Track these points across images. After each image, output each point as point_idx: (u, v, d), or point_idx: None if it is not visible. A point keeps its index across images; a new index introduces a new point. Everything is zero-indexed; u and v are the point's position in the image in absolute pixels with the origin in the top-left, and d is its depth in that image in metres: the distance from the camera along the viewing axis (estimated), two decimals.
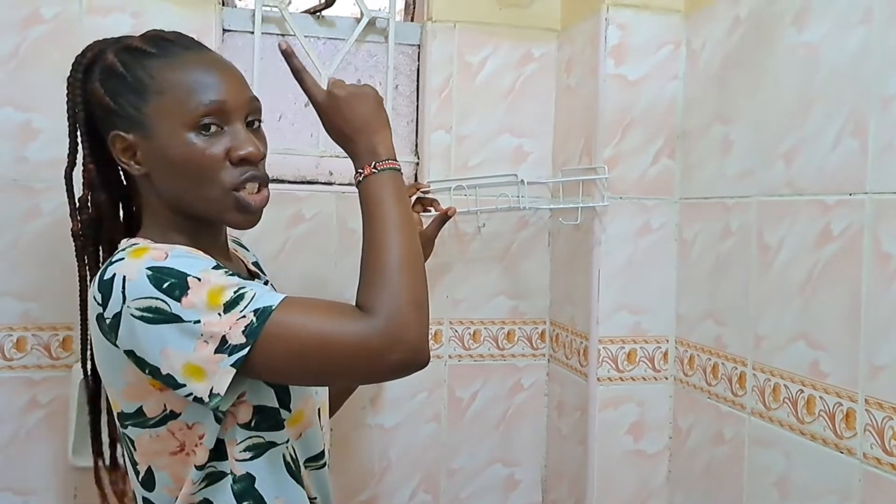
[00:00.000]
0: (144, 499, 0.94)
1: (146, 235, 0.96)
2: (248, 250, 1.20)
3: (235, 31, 1.57)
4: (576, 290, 1.55)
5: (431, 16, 1.60)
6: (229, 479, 0.92)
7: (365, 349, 0.83)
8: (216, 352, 0.81)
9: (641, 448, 1.48)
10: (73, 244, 1.02)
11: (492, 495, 1.68)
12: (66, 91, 0.98)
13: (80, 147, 0.98)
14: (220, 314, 0.81)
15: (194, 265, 0.84)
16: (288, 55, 0.98)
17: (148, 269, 0.83)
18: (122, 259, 0.85)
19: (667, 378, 1.49)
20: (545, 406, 1.70)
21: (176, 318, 0.81)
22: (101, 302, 0.84)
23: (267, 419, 0.93)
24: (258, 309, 0.82)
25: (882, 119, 1.01)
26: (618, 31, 1.43)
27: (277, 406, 0.94)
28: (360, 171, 0.95)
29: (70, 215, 1.02)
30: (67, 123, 0.99)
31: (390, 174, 0.94)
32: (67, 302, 1.43)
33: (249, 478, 0.92)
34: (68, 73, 0.98)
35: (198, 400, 0.82)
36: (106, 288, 0.84)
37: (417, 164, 1.66)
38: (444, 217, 1.36)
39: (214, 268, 0.86)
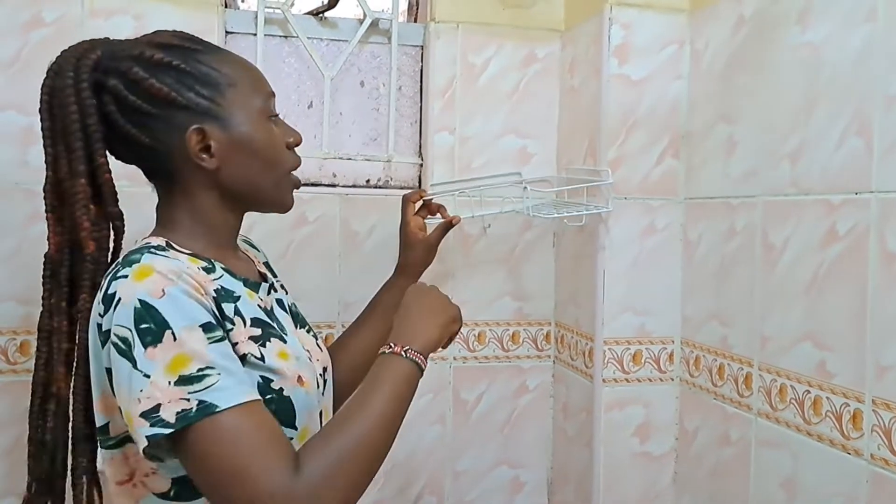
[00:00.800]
0: None
1: (166, 233, 0.94)
2: (258, 250, 1.20)
3: (238, 33, 1.56)
4: (581, 291, 1.54)
5: (434, 16, 1.60)
6: None
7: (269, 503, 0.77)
8: (141, 415, 0.77)
9: (647, 449, 1.48)
10: (86, 270, 0.92)
11: (497, 497, 1.67)
12: (60, 96, 0.91)
13: (96, 155, 0.91)
14: (170, 382, 0.77)
15: (184, 316, 0.80)
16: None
17: (139, 300, 0.80)
18: (126, 277, 0.82)
19: (672, 379, 1.48)
20: (550, 408, 1.69)
21: (134, 362, 0.78)
22: (101, 312, 0.83)
23: (186, 490, 0.87)
24: (204, 402, 0.77)
25: (886, 118, 1.00)
26: (621, 30, 1.43)
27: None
28: (392, 344, 0.95)
29: (84, 237, 0.92)
30: (63, 132, 0.91)
31: (414, 369, 0.93)
32: None
33: None
34: (60, 77, 0.91)
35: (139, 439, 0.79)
36: (107, 302, 0.82)
37: (421, 165, 1.65)
38: (449, 225, 1.35)
39: (204, 325, 0.81)
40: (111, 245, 0.96)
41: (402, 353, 0.93)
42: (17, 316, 1.42)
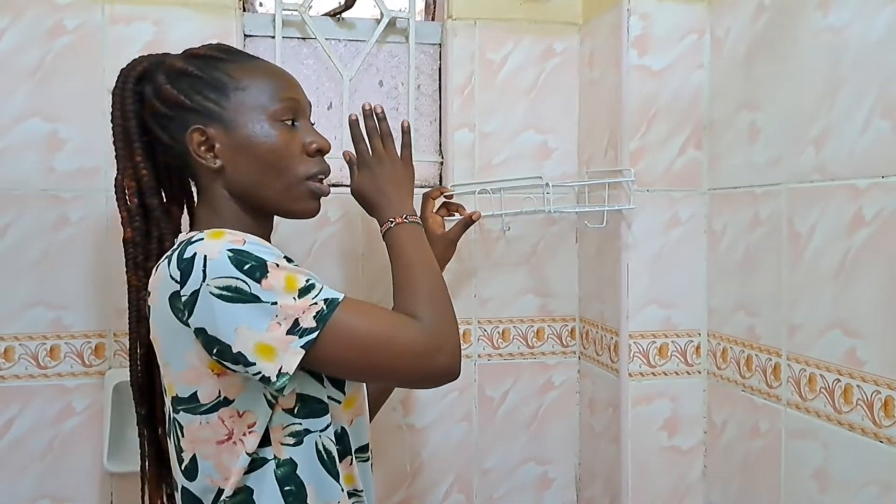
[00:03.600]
0: (184, 489, 0.96)
1: (200, 228, 0.99)
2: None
3: (256, 36, 1.58)
4: (604, 285, 1.53)
5: (452, 14, 1.60)
6: (272, 464, 0.93)
7: (416, 349, 0.92)
8: (288, 332, 0.86)
9: (676, 444, 1.46)
10: (124, 251, 1.05)
11: (525, 494, 1.67)
12: (112, 102, 1.03)
13: (135, 154, 1.03)
14: (294, 298, 0.87)
15: (270, 253, 0.89)
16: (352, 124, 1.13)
17: (230, 250, 0.87)
18: (202, 240, 0.89)
19: (700, 372, 1.47)
20: (577, 403, 1.68)
21: (255, 299, 0.86)
22: (178, 280, 0.87)
23: (307, 407, 0.95)
24: (328, 299, 0.89)
25: None
26: (640, 21, 1.41)
27: (320, 396, 0.96)
28: (391, 220, 1.06)
29: (122, 223, 1.05)
30: (114, 133, 1.04)
31: (418, 226, 1.08)
32: (98, 309, 1.46)
33: (292, 463, 0.94)
34: (114, 86, 1.04)
35: (265, 380, 0.86)
36: (186, 266, 0.87)
37: (441, 163, 1.65)
38: (469, 221, 1.35)
39: (286, 258, 0.91)
40: (159, 232, 1.05)
41: (404, 220, 1.06)
42: (47, 321, 1.44)
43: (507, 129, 1.62)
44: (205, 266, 0.86)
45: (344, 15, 1.61)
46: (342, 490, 0.97)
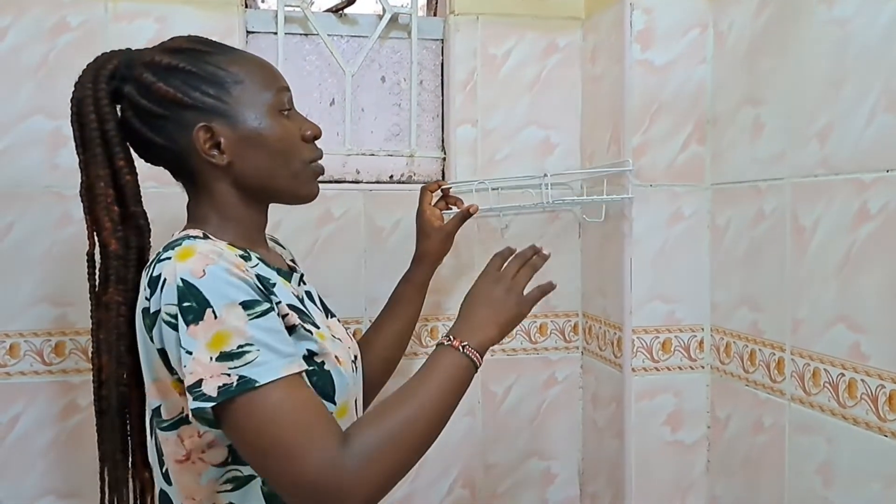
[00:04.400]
0: (162, 491, 0.95)
1: (198, 227, 0.98)
2: (284, 248, 1.22)
3: (259, 32, 1.57)
4: (608, 280, 1.53)
5: (454, 9, 1.59)
6: (258, 481, 0.91)
7: (305, 483, 0.81)
8: (186, 390, 0.82)
9: (679, 438, 1.46)
10: (104, 266, 0.97)
11: (529, 489, 1.67)
12: (80, 104, 0.96)
13: (116, 159, 0.96)
14: (211, 357, 0.81)
15: (224, 295, 0.83)
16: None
17: (181, 279, 0.83)
18: (169, 259, 0.85)
19: (703, 367, 1.47)
20: (580, 399, 1.68)
21: (178, 338, 0.82)
22: (147, 297, 0.86)
23: None
24: (244, 378, 0.80)
25: None
26: (643, 15, 1.41)
27: None
28: (451, 337, 0.99)
29: (105, 235, 0.97)
30: (84, 138, 0.96)
31: (469, 365, 0.97)
32: None
33: None
34: (80, 86, 0.97)
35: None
36: (153, 284, 0.85)
37: (444, 158, 1.65)
38: (466, 214, 1.35)
39: (244, 303, 0.84)
40: (139, 243, 1.00)
41: (460, 348, 0.97)
42: (51, 318, 1.44)
43: (509, 125, 1.62)
44: (162, 289, 0.84)
45: (346, 11, 1.61)
46: None
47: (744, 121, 1.34)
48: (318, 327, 0.98)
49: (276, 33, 1.55)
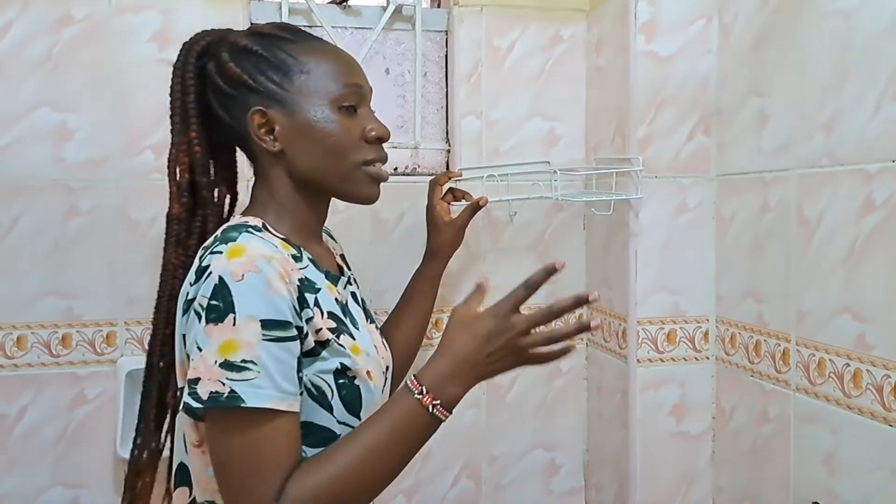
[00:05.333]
0: (182, 464, 0.97)
1: (259, 213, 0.99)
2: (336, 242, 1.23)
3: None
4: (613, 272, 1.53)
5: (458, 1, 1.59)
6: None
7: None
8: (187, 381, 0.84)
9: (684, 429, 1.47)
10: (167, 227, 1.03)
11: (534, 481, 1.68)
12: (172, 76, 1.01)
13: (190, 130, 1.00)
14: (216, 361, 0.81)
15: (252, 305, 0.83)
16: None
17: (219, 277, 0.84)
18: (220, 254, 0.86)
19: (708, 358, 1.47)
20: (585, 390, 1.69)
21: (197, 332, 0.84)
22: (191, 283, 0.88)
23: (313, 436, 0.91)
24: (236, 394, 0.81)
25: None
26: (648, 7, 1.41)
27: (329, 426, 0.91)
28: (422, 388, 0.88)
29: (170, 198, 1.02)
30: (171, 107, 1.01)
31: (431, 422, 0.88)
32: (110, 298, 1.47)
33: None
34: (176, 60, 1.01)
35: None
36: (199, 274, 0.86)
37: (448, 150, 1.65)
38: (476, 207, 1.36)
39: (265, 322, 0.83)
40: (202, 212, 1.03)
41: (429, 406, 0.87)
42: (59, 310, 1.45)
43: (514, 117, 1.62)
44: (204, 281, 0.85)
45: (350, 3, 1.60)
46: None
47: (749, 112, 1.33)
48: (353, 338, 0.96)
49: None
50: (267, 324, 0.83)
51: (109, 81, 1.45)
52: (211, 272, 0.84)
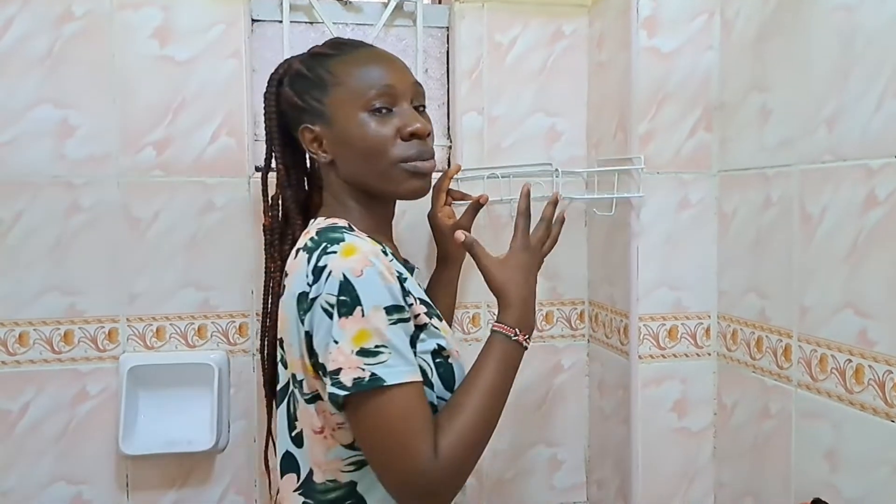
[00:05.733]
0: (287, 452, 1.04)
1: (333, 214, 1.07)
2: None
3: (264, 20, 1.57)
4: (614, 268, 1.53)
5: None
6: None
7: (407, 480, 0.93)
8: (327, 374, 0.92)
9: (685, 425, 1.47)
10: (266, 239, 1.17)
11: (536, 476, 1.68)
12: (264, 103, 1.15)
13: (274, 150, 1.14)
14: (352, 351, 0.90)
15: (375, 296, 0.92)
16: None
17: (343, 275, 0.92)
18: (335, 253, 0.94)
19: (710, 354, 1.47)
20: (586, 386, 1.69)
21: (330, 327, 0.92)
22: (310, 283, 0.94)
23: None
24: (376, 375, 0.90)
25: None
26: (650, 2, 1.40)
27: (431, 401, 1.00)
28: (514, 329, 1.04)
29: (263, 212, 1.18)
30: (265, 132, 1.16)
31: (522, 354, 1.05)
32: (111, 295, 1.47)
33: None
34: (264, 90, 1.15)
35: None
36: (318, 273, 0.94)
37: (450, 147, 1.65)
38: (477, 205, 1.35)
39: (388, 308, 0.93)
40: (286, 221, 1.15)
41: (522, 341, 1.05)
42: (62, 307, 1.45)
43: (515, 113, 1.62)
44: (326, 279, 0.93)
45: None
46: None
47: (751, 107, 1.33)
48: (441, 321, 1.07)
49: (281, 21, 1.55)
50: (389, 310, 0.93)
51: (110, 78, 1.45)
52: (331, 271, 0.93)
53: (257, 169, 1.54)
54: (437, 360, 1.02)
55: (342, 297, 0.91)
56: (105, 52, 1.45)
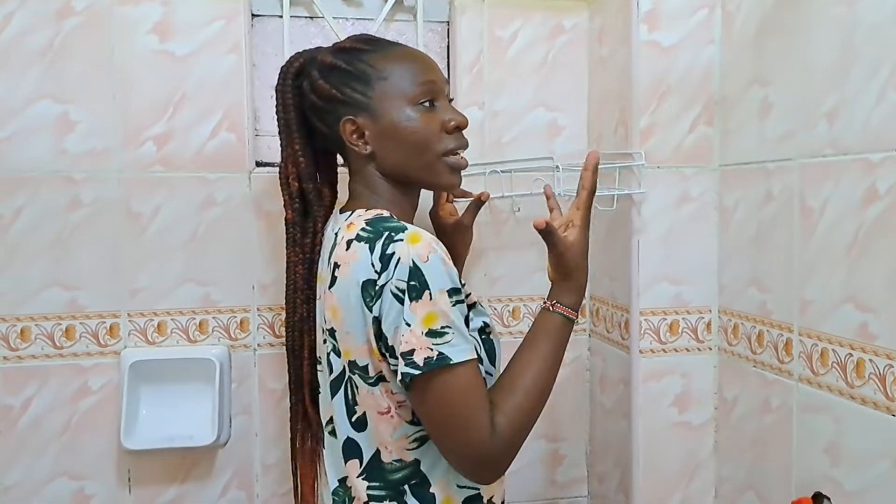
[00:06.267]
0: (349, 439, 1.06)
1: (366, 205, 1.09)
2: None
3: (264, 15, 1.57)
4: (615, 263, 1.53)
5: None
6: None
7: (469, 455, 0.98)
8: (400, 355, 0.95)
9: (686, 419, 1.47)
10: (285, 230, 1.16)
11: (537, 471, 1.68)
12: (275, 97, 1.15)
13: (294, 143, 1.15)
14: (422, 332, 0.94)
15: (439, 281, 0.96)
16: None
17: (412, 261, 0.95)
18: (402, 241, 0.97)
19: (710, 348, 1.47)
20: (587, 381, 1.69)
21: (402, 311, 0.95)
22: (378, 270, 0.97)
23: None
24: (443, 354, 0.94)
25: None
26: None
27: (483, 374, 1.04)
28: (568, 308, 1.08)
29: (284, 206, 1.17)
30: (278, 126, 1.16)
31: (567, 323, 1.08)
32: (113, 290, 1.47)
33: None
34: (276, 83, 1.15)
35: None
36: (385, 261, 0.96)
37: None
38: (479, 203, 1.35)
39: (449, 290, 0.97)
40: (313, 214, 1.15)
41: (576, 318, 1.08)
42: (63, 301, 1.45)
43: (516, 107, 1.61)
44: (396, 266, 0.95)
45: None
46: None
47: (752, 101, 1.33)
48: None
49: (281, 16, 1.55)
50: (451, 292, 0.97)
51: (110, 72, 1.45)
52: (400, 258, 0.95)
53: (258, 164, 1.54)
54: (483, 337, 1.08)
55: (412, 283, 0.95)
56: (105, 46, 1.44)
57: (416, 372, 0.94)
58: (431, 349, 0.94)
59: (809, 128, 1.18)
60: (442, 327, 0.95)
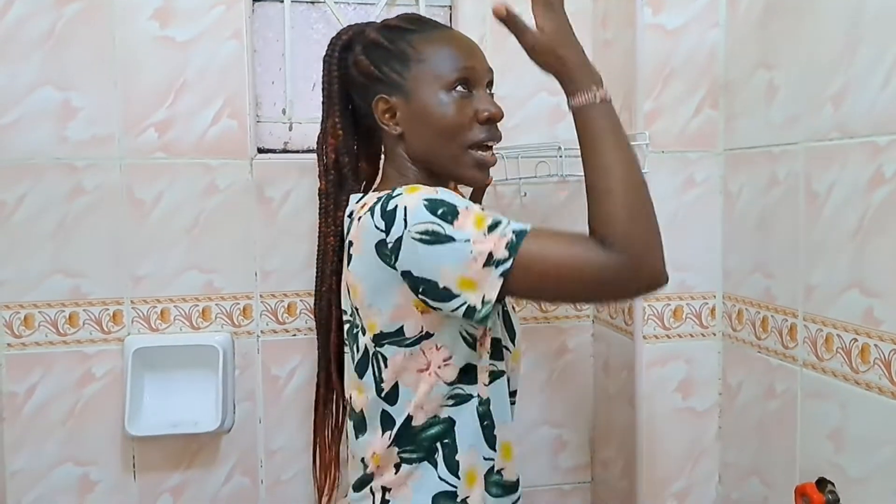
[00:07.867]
0: (384, 411, 1.03)
1: (389, 188, 1.03)
2: None
3: (265, 0, 1.56)
4: None
5: None
6: (475, 401, 1.02)
7: (607, 278, 0.90)
8: (485, 265, 0.90)
9: (691, 405, 1.46)
10: (318, 202, 1.15)
11: (541, 457, 1.68)
12: (322, 67, 1.13)
13: (334, 115, 1.13)
14: (484, 234, 0.90)
15: (458, 201, 0.94)
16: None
17: (425, 199, 0.92)
18: (401, 194, 0.94)
19: (715, 334, 1.46)
20: (591, 367, 1.68)
21: (450, 239, 0.90)
22: (383, 229, 0.94)
23: (498, 352, 1.05)
24: (516, 230, 0.91)
25: None
26: None
27: (500, 338, 1.05)
28: (589, 91, 0.96)
29: (318, 176, 1.15)
30: (322, 96, 1.14)
31: (605, 105, 0.97)
32: (116, 277, 1.47)
33: (488, 401, 1.03)
34: (325, 52, 1.13)
35: (469, 311, 0.91)
36: (389, 216, 0.93)
37: None
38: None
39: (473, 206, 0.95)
40: (345, 187, 1.13)
41: (606, 97, 0.97)
42: (66, 288, 1.46)
43: (520, 92, 1.60)
44: (405, 215, 0.92)
45: None
46: (510, 425, 1.09)
47: (757, 85, 1.32)
48: None
49: (282, 1, 1.54)
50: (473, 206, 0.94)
51: (111, 59, 1.44)
52: (406, 206, 0.93)
53: (260, 150, 1.54)
54: (504, 310, 1.08)
55: (440, 210, 0.91)
56: (106, 33, 1.44)
57: (509, 262, 0.89)
58: (504, 235, 0.90)
59: (815, 111, 1.17)
60: (493, 220, 0.91)
